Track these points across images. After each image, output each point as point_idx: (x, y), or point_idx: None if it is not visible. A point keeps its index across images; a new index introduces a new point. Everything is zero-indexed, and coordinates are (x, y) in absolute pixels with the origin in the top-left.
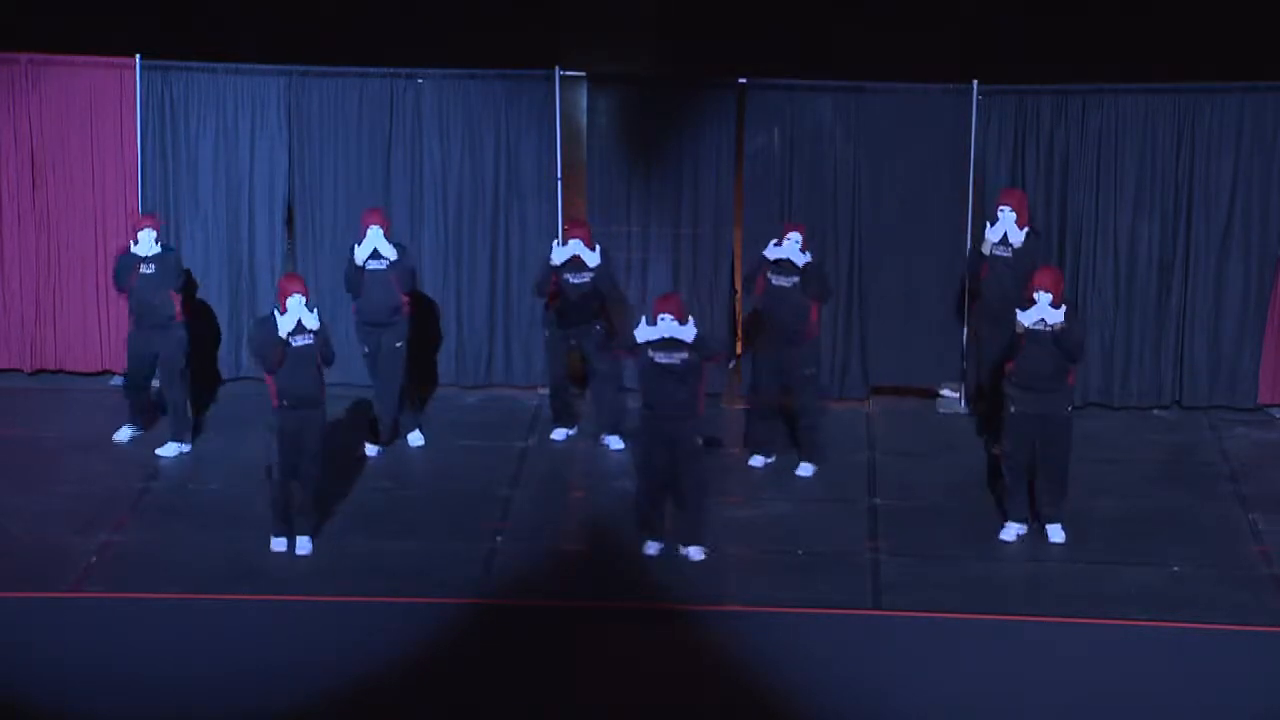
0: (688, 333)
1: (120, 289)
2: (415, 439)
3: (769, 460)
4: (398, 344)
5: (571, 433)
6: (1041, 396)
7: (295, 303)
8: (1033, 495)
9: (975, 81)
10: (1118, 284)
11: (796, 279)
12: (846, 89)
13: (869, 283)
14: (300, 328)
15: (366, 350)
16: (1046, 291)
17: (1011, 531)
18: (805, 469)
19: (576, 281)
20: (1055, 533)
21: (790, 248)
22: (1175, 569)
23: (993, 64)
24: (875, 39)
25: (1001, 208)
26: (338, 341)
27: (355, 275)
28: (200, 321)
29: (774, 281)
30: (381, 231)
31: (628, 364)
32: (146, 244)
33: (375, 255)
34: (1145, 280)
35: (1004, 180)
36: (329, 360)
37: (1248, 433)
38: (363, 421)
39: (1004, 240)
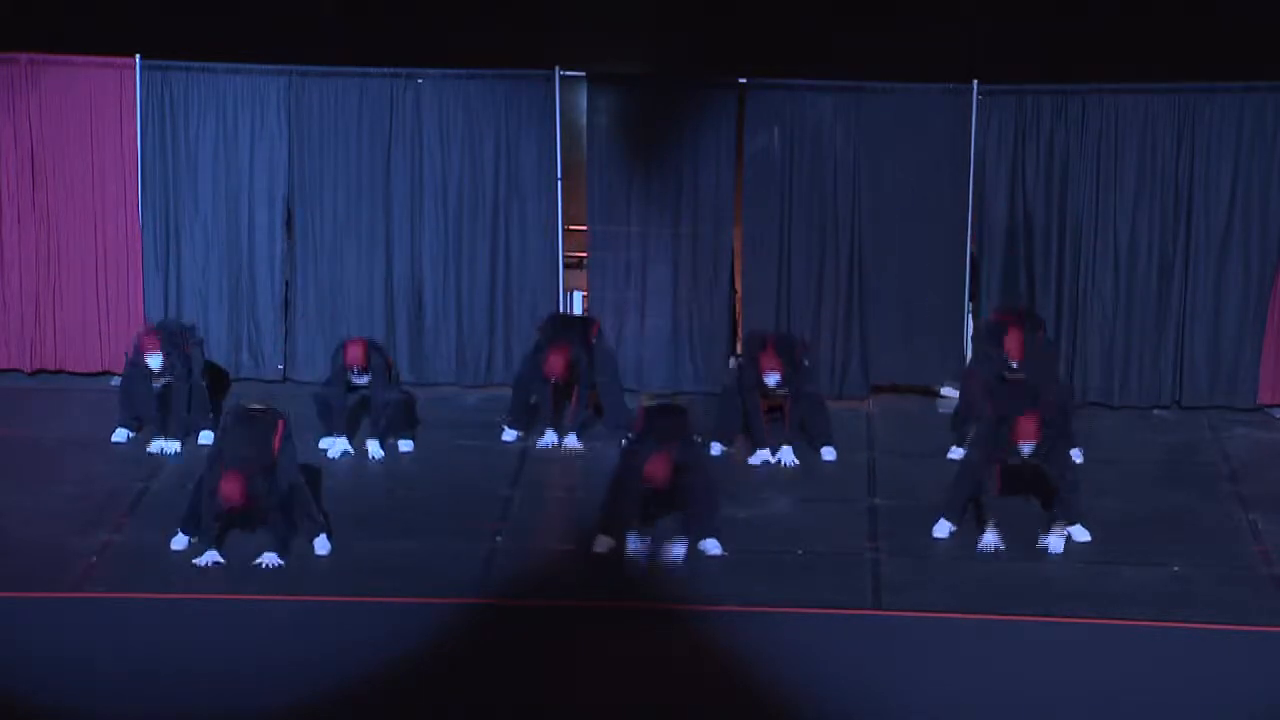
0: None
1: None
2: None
3: (728, 449)
4: None
5: (521, 435)
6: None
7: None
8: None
9: (975, 81)
10: (1118, 284)
11: None
12: (846, 89)
13: (869, 282)
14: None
15: None
16: (1030, 441)
17: (944, 529)
18: (829, 452)
19: None
20: (1079, 533)
21: None
22: (1175, 569)
23: (993, 64)
24: (875, 39)
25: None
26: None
27: None
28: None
29: None
30: None
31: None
32: (155, 363)
33: None
34: (1145, 280)
35: (1004, 180)
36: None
37: (1248, 433)
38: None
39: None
